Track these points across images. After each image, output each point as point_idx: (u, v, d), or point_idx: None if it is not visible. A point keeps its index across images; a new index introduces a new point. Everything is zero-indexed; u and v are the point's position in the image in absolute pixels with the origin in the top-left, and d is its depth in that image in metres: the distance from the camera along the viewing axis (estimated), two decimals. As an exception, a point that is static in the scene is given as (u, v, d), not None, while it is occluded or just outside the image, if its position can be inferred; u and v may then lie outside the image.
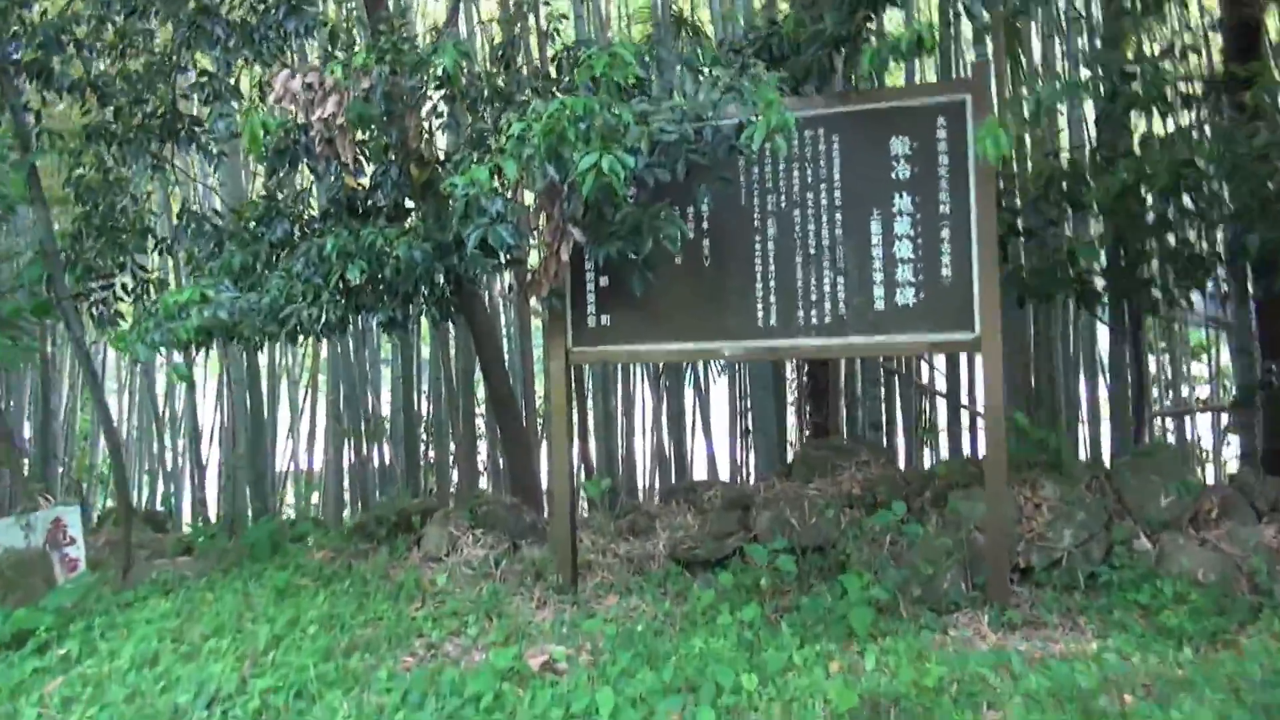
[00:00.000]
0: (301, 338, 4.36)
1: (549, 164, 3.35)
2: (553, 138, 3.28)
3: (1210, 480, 7.83)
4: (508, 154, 3.36)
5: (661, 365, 7.57)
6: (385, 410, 8.32)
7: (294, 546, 5.43)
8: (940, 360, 7.19)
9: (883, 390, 7.42)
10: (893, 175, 4.12)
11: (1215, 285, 5.79)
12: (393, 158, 4.14)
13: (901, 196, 4.10)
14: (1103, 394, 6.62)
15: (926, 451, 9.33)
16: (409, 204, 4.31)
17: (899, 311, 4.08)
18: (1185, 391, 7.96)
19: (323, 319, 4.02)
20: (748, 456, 7.56)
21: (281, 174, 4.48)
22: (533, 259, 4.05)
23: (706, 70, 4.06)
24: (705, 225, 4.36)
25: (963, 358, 6.60)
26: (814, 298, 4.19)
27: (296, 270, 4.06)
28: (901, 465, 6.79)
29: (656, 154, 3.81)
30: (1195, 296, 5.92)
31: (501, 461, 7.23)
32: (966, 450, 8.90)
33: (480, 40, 8.07)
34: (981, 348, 3.95)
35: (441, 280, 3.73)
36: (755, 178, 4.30)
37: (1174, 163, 4.42)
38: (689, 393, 8.07)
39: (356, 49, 4.27)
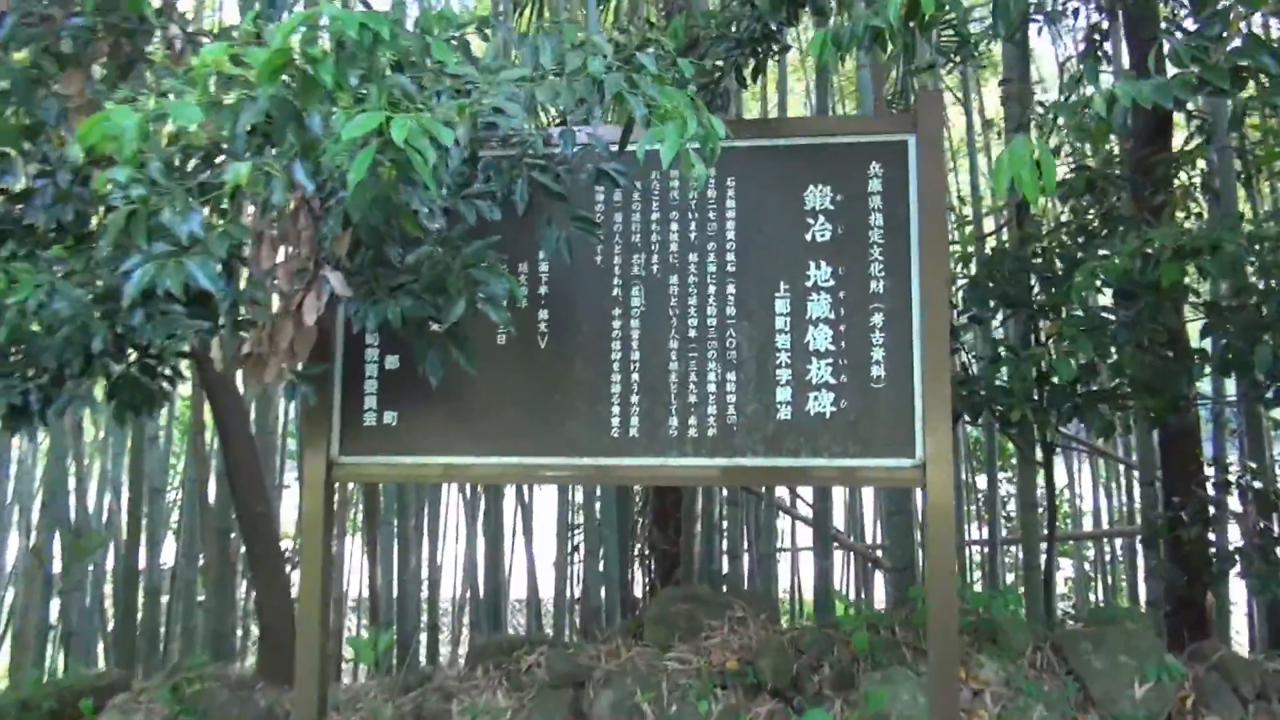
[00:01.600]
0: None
1: (288, 133, 1.93)
2: (283, 83, 1.87)
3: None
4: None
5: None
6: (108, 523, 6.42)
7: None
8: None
9: (743, 511, 6.27)
10: (807, 237, 2.98)
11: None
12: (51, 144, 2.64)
13: (819, 266, 2.96)
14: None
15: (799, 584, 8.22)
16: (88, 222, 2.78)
17: (811, 425, 2.88)
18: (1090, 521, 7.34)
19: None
20: (581, 596, 6.15)
21: None
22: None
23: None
24: (544, 289, 3.07)
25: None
26: (692, 400, 2.94)
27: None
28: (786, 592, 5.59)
29: (482, 173, 2.52)
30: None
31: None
32: (839, 583, 7.89)
33: None
34: (926, 481, 2.80)
35: (101, 346, 2.24)
36: (619, 228, 3.07)
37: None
38: (510, 506, 6.64)
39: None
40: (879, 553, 7.65)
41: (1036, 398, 3.74)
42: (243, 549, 5.31)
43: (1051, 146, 2.70)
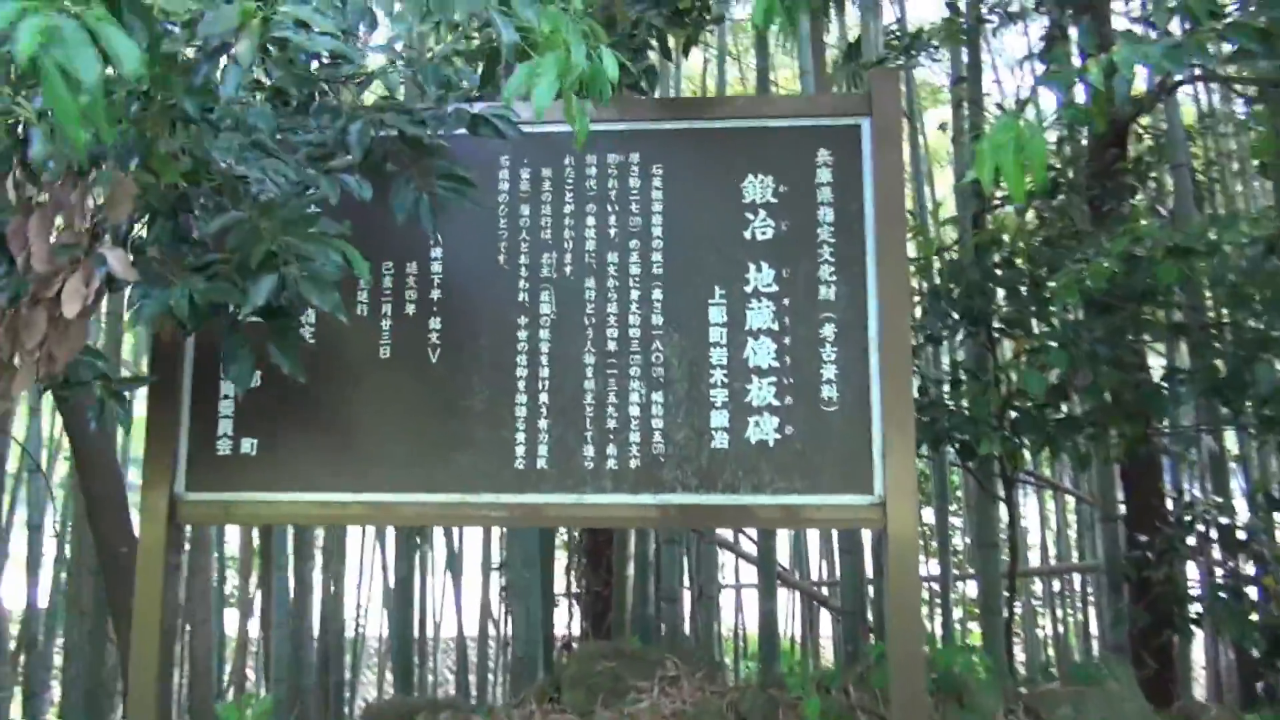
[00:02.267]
0: None
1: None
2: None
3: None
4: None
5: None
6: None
7: None
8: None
9: (681, 548, 5.79)
10: (746, 234, 2.55)
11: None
12: None
13: (759, 268, 2.53)
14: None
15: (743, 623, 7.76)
16: None
17: (752, 455, 2.43)
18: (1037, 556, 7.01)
19: None
20: (510, 639, 5.60)
21: None
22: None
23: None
24: (436, 293, 2.59)
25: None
26: (611, 425, 2.48)
27: None
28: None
29: (314, 119, 2.05)
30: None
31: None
32: (785, 627, 7.41)
33: None
34: (887, 521, 2.36)
35: None
36: (525, 222, 2.60)
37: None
38: (439, 538, 6.09)
39: None
40: (826, 590, 7.23)
41: (1003, 426, 3.34)
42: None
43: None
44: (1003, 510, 4.53)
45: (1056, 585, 8.14)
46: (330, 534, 5.56)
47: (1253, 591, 4.66)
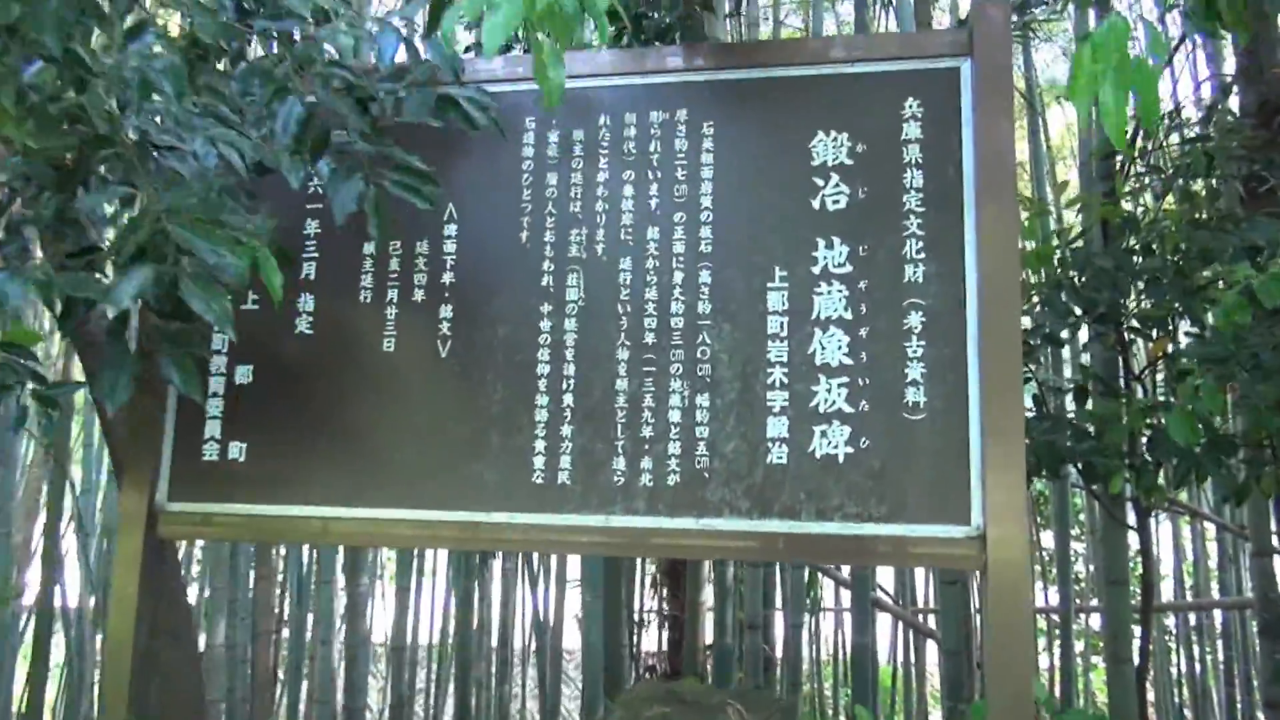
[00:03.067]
0: None
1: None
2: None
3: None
4: None
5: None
6: None
7: None
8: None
9: (770, 570, 5.30)
10: (814, 203, 2.09)
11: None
12: None
13: (830, 245, 2.07)
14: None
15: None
16: None
17: (817, 472, 1.97)
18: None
19: None
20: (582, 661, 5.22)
21: None
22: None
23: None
24: (449, 276, 2.22)
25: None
26: (647, 434, 2.05)
27: None
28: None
29: (238, 83, 1.70)
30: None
31: None
32: (888, 654, 6.82)
33: None
34: (988, 558, 1.86)
35: None
36: (552, 193, 2.21)
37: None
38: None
39: None
40: (931, 619, 6.61)
41: (1135, 451, 2.76)
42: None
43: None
44: (1134, 540, 3.92)
45: (1192, 619, 7.28)
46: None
47: None
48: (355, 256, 2.25)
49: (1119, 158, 3.62)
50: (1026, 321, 3.25)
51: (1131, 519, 3.77)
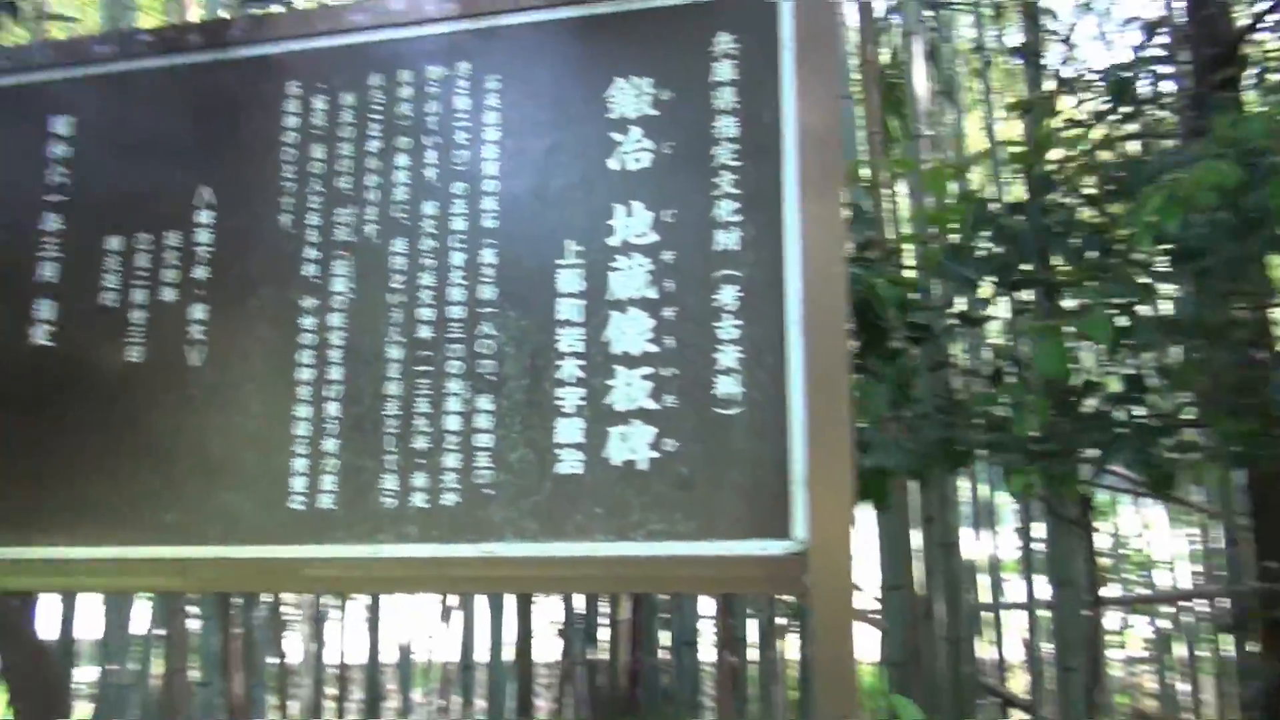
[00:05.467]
0: None
1: None
2: None
3: None
4: None
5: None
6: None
7: None
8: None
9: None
10: (612, 164, 1.77)
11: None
12: None
13: (630, 211, 1.74)
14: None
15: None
16: None
17: (613, 482, 1.65)
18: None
19: None
20: None
21: None
22: None
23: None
24: (201, 270, 1.90)
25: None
26: (420, 445, 1.73)
27: None
28: None
29: None
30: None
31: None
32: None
33: None
34: (810, 578, 1.53)
35: None
36: (317, 167, 1.89)
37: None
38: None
39: None
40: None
41: (1050, 439, 2.41)
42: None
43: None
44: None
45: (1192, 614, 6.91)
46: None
47: None
48: (97, 253, 1.93)
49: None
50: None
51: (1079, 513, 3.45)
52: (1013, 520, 5.65)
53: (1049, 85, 3.15)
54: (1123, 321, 1.98)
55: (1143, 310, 2.21)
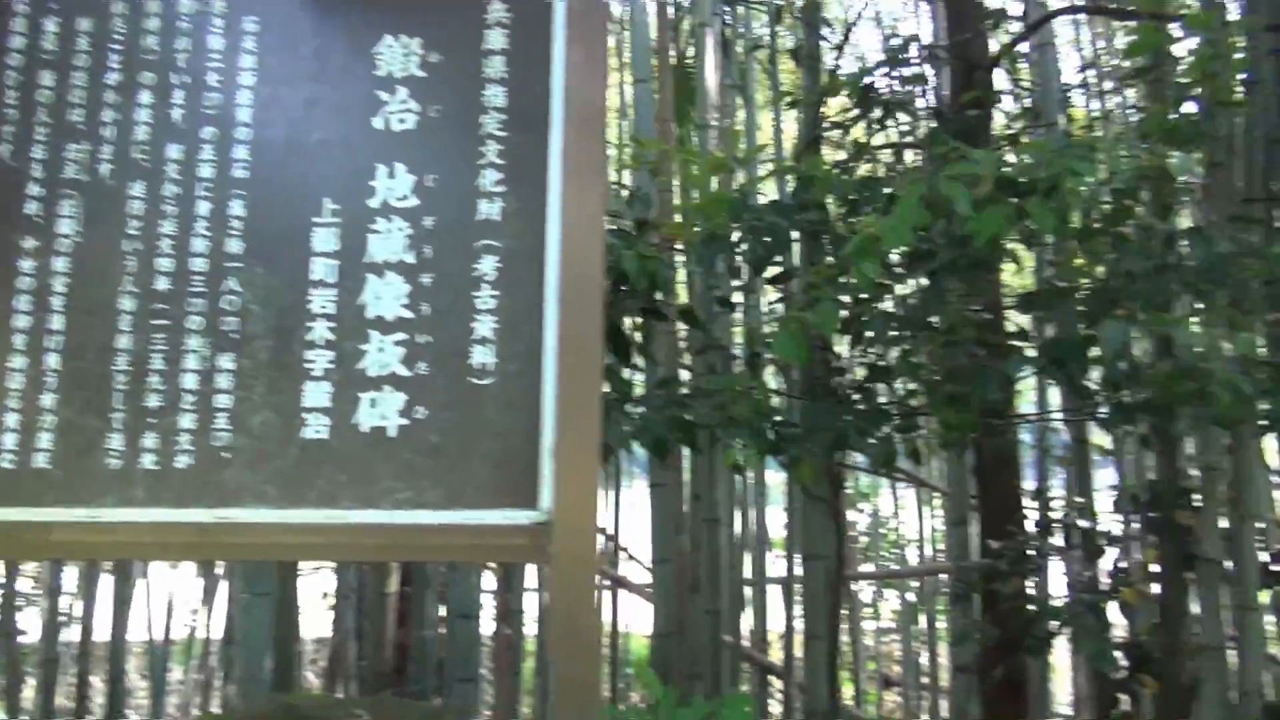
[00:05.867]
0: None
1: None
2: None
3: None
4: None
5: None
6: None
7: None
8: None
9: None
10: (377, 122, 1.71)
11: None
12: None
13: (393, 173, 1.70)
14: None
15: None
16: None
17: (362, 449, 1.61)
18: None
19: None
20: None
21: None
22: None
23: None
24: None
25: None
26: (153, 404, 1.62)
27: None
28: None
29: None
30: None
31: None
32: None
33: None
34: (552, 547, 1.56)
35: None
36: (45, 98, 1.73)
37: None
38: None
39: None
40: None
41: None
42: None
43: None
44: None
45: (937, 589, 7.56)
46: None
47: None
48: None
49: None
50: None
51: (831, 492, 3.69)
52: (782, 500, 5.98)
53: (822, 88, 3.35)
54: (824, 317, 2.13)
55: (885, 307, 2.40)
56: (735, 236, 2.52)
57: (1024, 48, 4.76)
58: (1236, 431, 3.08)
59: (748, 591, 5.52)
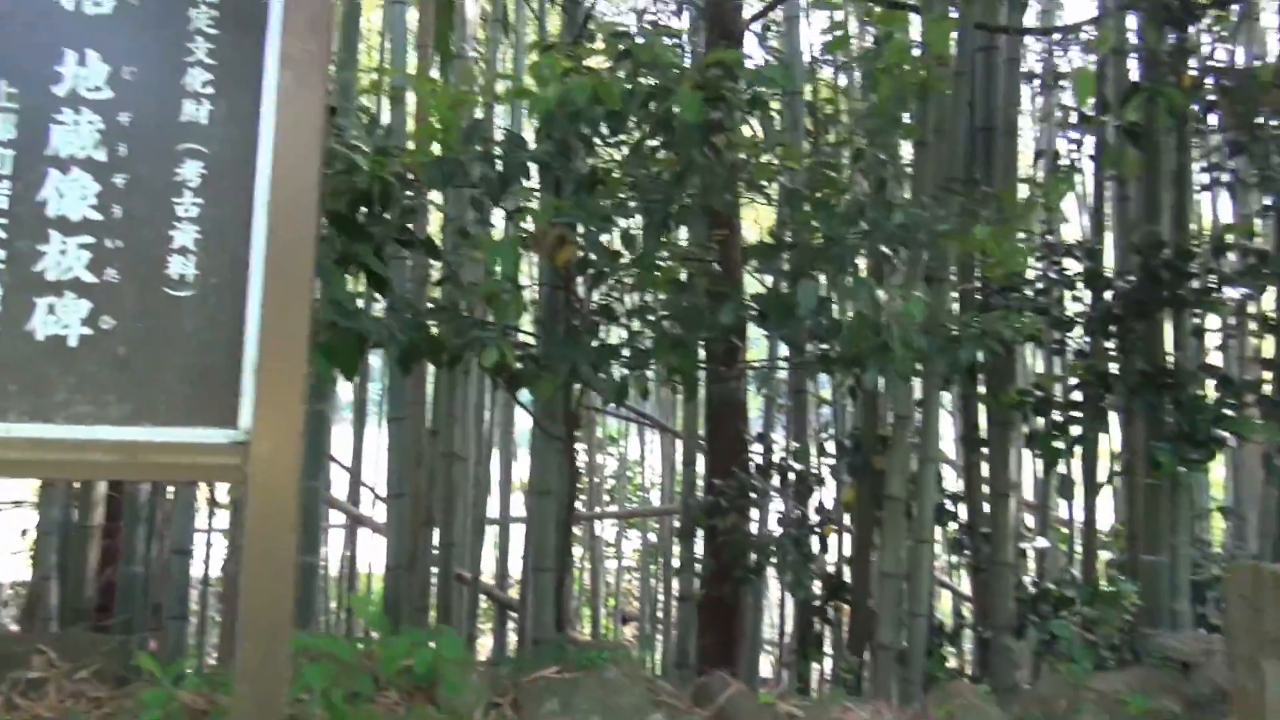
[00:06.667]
0: None
1: None
2: None
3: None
4: None
5: None
6: None
7: None
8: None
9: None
10: (67, 2, 1.56)
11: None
12: None
13: (83, 60, 1.55)
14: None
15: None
16: None
17: (37, 358, 1.49)
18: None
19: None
20: None
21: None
22: None
23: None
24: None
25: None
26: None
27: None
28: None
29: None
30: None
31: None
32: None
33: None
34: (250, 470, 1.52)
35: None
36: None
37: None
38: None
39: None
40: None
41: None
42: None
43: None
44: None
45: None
46: None
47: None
48: None
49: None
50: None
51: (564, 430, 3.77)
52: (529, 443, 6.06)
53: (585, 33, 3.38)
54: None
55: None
56: (471, 167, 2.50)
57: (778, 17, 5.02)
58: (926, 384, 3.48)
59: (494, 532, 5.59)
